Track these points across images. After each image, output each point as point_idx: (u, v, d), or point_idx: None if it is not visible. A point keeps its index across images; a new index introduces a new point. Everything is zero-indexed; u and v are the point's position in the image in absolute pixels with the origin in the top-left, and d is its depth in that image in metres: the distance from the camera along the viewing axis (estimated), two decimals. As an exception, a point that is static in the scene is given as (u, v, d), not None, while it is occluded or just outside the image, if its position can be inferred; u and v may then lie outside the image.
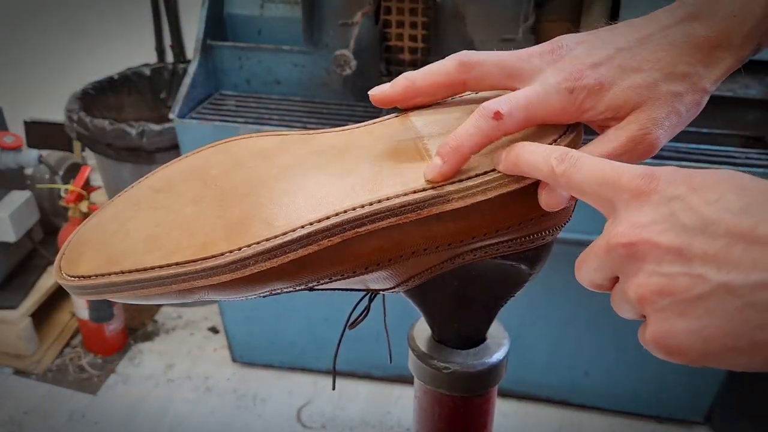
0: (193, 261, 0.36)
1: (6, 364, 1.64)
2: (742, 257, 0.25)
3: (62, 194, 1.57)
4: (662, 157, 1.19)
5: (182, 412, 1.53)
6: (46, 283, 1.69)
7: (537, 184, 0.37)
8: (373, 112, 1.39)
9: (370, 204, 0.37)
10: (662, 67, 0.37)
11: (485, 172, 0.37)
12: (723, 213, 0.26)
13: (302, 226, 0.36)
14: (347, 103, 1.43)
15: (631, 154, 0.37)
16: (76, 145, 1.98)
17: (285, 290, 0.39)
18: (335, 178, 0.39)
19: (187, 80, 1.36)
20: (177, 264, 0.36)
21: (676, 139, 1.29)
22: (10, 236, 1.59)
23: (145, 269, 0.37)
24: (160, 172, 0.44)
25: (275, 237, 0.36)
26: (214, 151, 0.44)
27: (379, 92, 0.41)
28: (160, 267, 0.37)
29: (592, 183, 0.31)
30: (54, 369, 1.65)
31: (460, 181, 0.37)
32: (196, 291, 0.37)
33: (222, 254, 0.36)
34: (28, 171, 1.76)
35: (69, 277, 0.38)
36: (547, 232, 0.41)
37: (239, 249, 0.36)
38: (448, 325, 0.47)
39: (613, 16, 1.23)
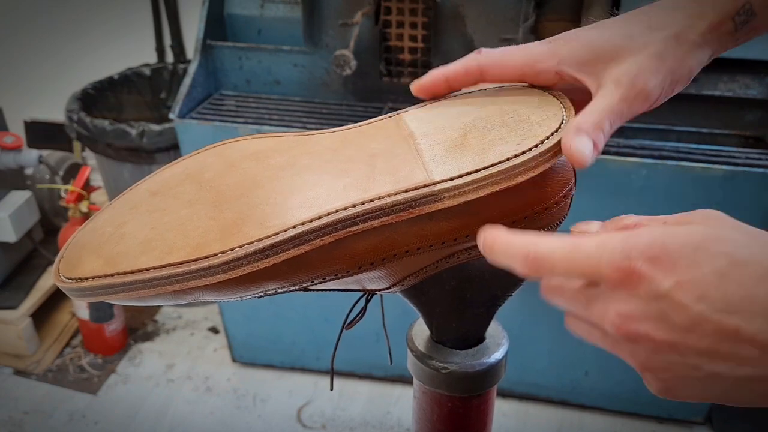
0: (187, 262, 0.36)
1: (6, 364, 1.64)
2: (730, 354, 0.27)
3: (62, 194, 1.57)
4: (663, 157, 1.19)
5: (182, 412, 1.53)
6: (46, 283, 1.69)
7: (530, 182, 0.37)
8: (374, 112, 1.39)
9: (362, 203, 0.37)
10: (640, 21, 0.39)
11: (476, 170, 0.37)
12: (709, 312, 0.27)
13: (294, 226, 0.37)
14: (347, 103, 1.43)
15: (629, 106, 0.37)
16: (76, 145, 1.98)
17: (279, 291, 0.39)
18: (329, 178, 0.39)
19: (187, 80, 1.36)
20: (171, 265, 0.37)
21: (676, 139, 1.29)
22: (10, 236, 1.59)
23: (139, 270, 0.37)
24: (158, 176, 0.44)
25: (267, 237, 0.36)
26: (209, 153, 0.44)
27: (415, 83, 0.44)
28: (155, 268, 0.37)
29: (571, 275, 0.31)
30: (54, 369, 1.65)
31: (452, 179, 0.37)
32: (190, 292, 0.37)
33: (215, 255, 0.36)
34: (28, 171, 1.76)
35: (66, 280, 0.39)
36: (542, 230, 0.41)
37: (232, 249, 0.36)
38: (447, 326, 0.47)
39: (613, 16, 1.23)
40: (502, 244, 0.33)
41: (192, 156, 0.44)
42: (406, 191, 0.37)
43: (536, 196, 0.39)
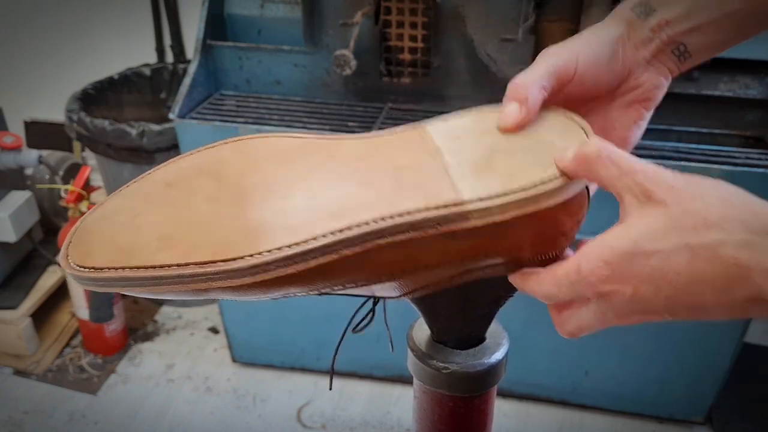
0: (213, 262, 0.36)
1: (6, 364, 1.64)
2: (690, 315, 0.34)
3: (62, 194, 1.57)
4: (664, 157, 1.19)
5: (182, 412, 1.53)
6: (46, 283, 1.69)
7: (556, 208, 0.38)
8: (374, 112, 1.39)
9: (391, 217, 0.37)
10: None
11: (505, 193, 0.37)
12: (672, 298, 0.33)
13: (324, 235, 0.37)
14: (347, 103, 1.43)
15: (551, 70, 0.41)
16: (76, 145, 1.98)
17: (298, 294, 0.39)
18: (356, 187, 0.39)
19: (187, 80, 1.36)
20: (195, 264, 0.36)
21: (676, 139, 1.29)
22: (10, 236, 1.59)
23: (161, 266, 0.36)
24: (171, 166, 0.43)
25: (297, 244, 0.36)
26: (226, 148, 0.43)
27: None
28: (178, 265, 0.36)
29: (568, 296, 0.38)
30: (54, 369, 1.65)
31: (481, 200, 0.37)
32: (211, 291, 0.37)
33: (242, 257, 0.36)
34: (28, 171, 1.76)
35: (78, 268, 0.38)
36: (559, 251, 0.42)
37: (260, 253, 0.36)
38: (448, 325, 0.47)
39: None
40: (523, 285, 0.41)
41: (207, 149, 0.43)
42: (436, 208, 0.37)
43: (555, 221, 0.39)
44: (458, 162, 0.40)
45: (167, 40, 2.07)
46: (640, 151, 1.21)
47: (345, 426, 1.50)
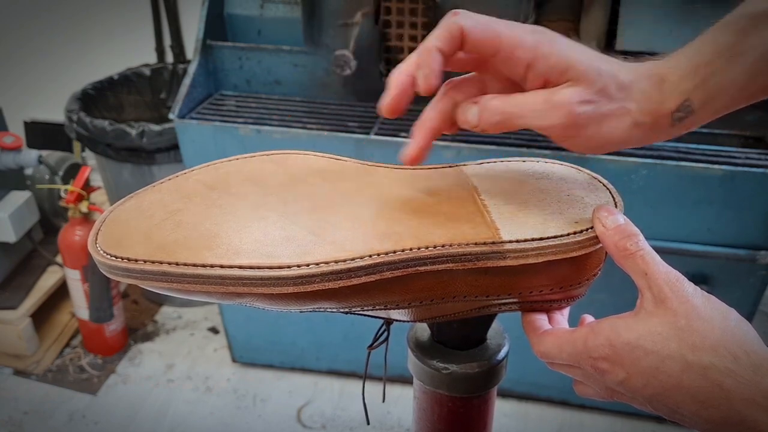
0: (259, 267, 0.36)
1: (6, 364, 1.64)
2: (671, 416, 0.37)
3: (62, 194, 1.57)
4: (663, 157, 1.19)
5: (182, 412, 1.53)
6: (46, 283, 1.69)
7: (577, 258, 0.40)
8: (373, 112, 1.39)
9: (435, 247, 0.38)
10: (612, 75, 0.38)
11: (541, 238, 0.39)
12: (656, 395, 0.36)
13: (371, 255, 0.37)
14: (347, 104, 1.43)
15: (541, 113, 0.38)
16: (76, 145, 1.98)
17: (329, 310, 0.40)
18: (399, 213, 0.41)
19: (187, 80, 1.36)
20: (240, 267, 0.36)
21: (676, 139, 1.29)
22: (10, 236, 1.59)
23: (204, 266, 0.36)
24: (210, 170, 0.44)
25: (345, 261, 0.37)
26: (266, 160, 0.45)
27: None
28: (222, 266, 0.36)
29: (567, 362, 0.43)
30: (54, 369, 1.65)
31: (518, 241, 0.39)
32: (246, 296, 0.37)
33: (289, 266, 0.36)
34: (28, 171, 1.76)
35: (109, 257, 0.37)
36: (568, 302, 0.44)
37: (308, 265, 0.36)
38: (448, 326, 0.47)
39: (613, 16, 1.23)
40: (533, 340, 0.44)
41: (246, 158, 0.45)
42: (476, 244, 0.39)
43: (576, 271, 0.42)
44: (495, 203, 0.42)
45: (167, 40, 2.07)
46: (640, 152, 1.21)
47: (345, 426, 1.50)
